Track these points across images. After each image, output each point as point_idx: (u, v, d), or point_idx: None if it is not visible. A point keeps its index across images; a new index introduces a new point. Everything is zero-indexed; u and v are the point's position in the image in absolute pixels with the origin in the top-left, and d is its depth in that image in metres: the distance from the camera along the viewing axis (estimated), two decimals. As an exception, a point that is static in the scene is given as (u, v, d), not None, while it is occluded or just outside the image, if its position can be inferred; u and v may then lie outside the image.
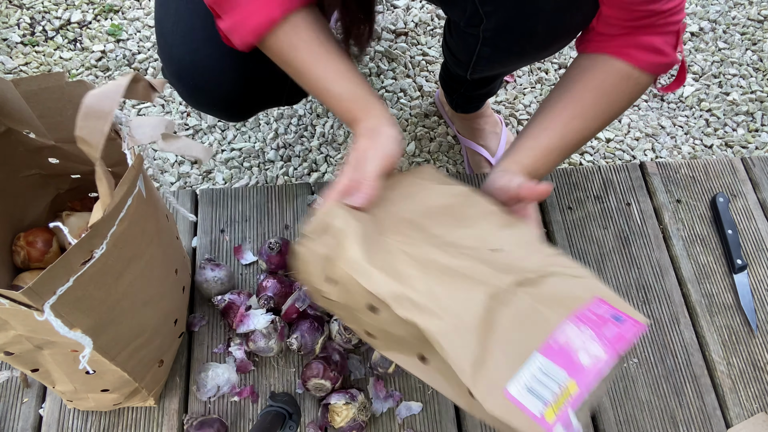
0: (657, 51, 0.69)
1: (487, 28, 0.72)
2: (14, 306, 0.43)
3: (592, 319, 0.50)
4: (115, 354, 0.56)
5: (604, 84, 0.71)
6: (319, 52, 0.64)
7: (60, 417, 0.71)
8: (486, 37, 0.74)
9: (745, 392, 0.79)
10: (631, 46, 0.69)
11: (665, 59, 0.70)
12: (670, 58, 0.70)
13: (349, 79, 0.64)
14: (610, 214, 0.90)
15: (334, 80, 0.64)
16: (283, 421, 0.68)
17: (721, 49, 1.50)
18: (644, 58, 0.69)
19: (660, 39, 0.68)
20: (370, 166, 0.59)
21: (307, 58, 0.64)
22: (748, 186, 0.95)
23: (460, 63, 0.86)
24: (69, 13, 1.41)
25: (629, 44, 0.69)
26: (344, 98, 0.64)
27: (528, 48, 0.75)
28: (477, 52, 0.79)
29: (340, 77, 0.64)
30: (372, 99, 0.65)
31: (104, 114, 0.44)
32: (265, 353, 0.72)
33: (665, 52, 0.69)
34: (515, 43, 0.74)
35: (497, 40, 0.74)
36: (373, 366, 0.72)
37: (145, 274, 0.55)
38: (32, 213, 0.72)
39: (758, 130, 1.38)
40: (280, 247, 0.77)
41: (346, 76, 0.64)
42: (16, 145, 0.64)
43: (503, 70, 0.88)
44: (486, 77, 0.96)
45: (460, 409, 0.74)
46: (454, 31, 0.83)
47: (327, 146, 1.27)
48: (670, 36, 0.69)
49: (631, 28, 0.68)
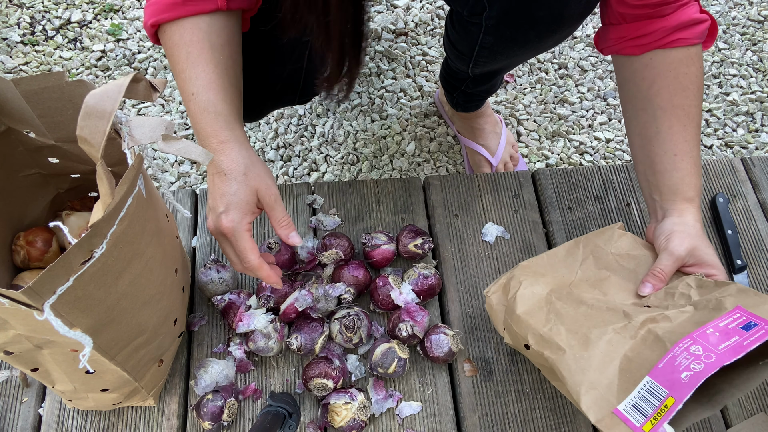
0: (696, 22, 0.69)
1: (490, 16, 0.72)
2: (14, 305, 0.43)
3: (714, 335, 0.57)
4: (114, 353, 0.56)
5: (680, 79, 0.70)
6: (200, 57, 0.64)
7: (59, 416, 0.71)
8: (489, 25, 0.74)
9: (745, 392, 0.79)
10: (675, 31, 0.69)
11: (707, 23, 0.70)
12: (709, 19, 0.70)
13: (216, 91, 0.64)
14: (610, 214, 0.90)
15: (203, 87, 0.64)
16: (283, 420, 0.68)
17: (721, 49, 1.50)
18: (691, 34, 0.69)
19: (690, 11, 0.69)
20: (250, 255, 0.63)
21: (185, 59, 0.64)
22: (748, 186, 0.95)
23: (462, 56, 0.86)
24: (69, 12, 1.41)
25: (672, 29, 0.69)
26: (205, 110, 0.64)
27: (531, 36, 0.75)
28: (480, 42, 0.79)
29: (208, 87, 0.64)
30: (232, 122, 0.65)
31: (105, 114, 0.44)
32: (265, 353, 0.72)
33: (701, 19, 0.69)
34: (518, 30, 0.74)
35: (500, 28, 0.74)
36: (373, 366, 0.72)
37: (145, 274, 0.55)
38: (32, 212, 0.72)
39: (758, 131, 1.38)
40: (279, 246, 0.77)
41: (214, 87, 0.64)
42: (16, 145, 0.64)
43: (505, 63, 0.88)
44: (487, 73, 0.96)
45: (459, 409, 0.74)
46: (456, 23, 0.83)
47: (327, 146, 1.27)
48: (694, 5, 0.69)
49: (657, 15, 0.68)
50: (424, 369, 0.76)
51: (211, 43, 0.64)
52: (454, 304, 0.81)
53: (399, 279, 0.77)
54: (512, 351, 0.78)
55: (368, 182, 0.90)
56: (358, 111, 1.32)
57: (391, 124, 1.30)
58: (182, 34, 0.63)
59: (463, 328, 0.79)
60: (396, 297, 0.75)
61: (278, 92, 0.85)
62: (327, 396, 0.70)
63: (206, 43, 0.64)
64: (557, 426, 0.74)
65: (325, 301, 0.74)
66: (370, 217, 0.87)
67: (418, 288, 0.76)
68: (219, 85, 0.64)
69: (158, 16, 0.63)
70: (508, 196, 0.90)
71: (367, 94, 1.34)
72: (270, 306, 0.73)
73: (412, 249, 0.80)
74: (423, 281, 0.77)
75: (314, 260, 0.80)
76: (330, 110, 1.32)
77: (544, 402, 0.75)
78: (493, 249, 0.86)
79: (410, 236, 0.81)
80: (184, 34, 0.63)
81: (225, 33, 0.66)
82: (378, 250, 0.79)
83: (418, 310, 0.74)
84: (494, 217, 0.88)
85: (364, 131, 1.29)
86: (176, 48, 0.64)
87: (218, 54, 0.65)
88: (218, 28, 0.65)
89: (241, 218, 0.63)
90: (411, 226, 0.82)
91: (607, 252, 0.72)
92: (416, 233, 0.81)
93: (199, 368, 0.72)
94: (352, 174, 1.24)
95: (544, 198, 0.91)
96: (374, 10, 1.46)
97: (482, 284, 0.82)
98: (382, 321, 0.79)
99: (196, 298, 0.79)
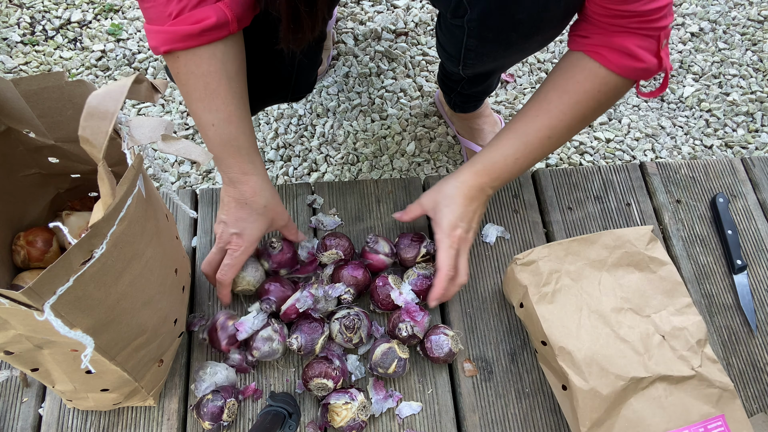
0: (630, 54, 0.67)
1: (471, 18, 0.72)
2: (14, 306, 0.43)
3: None
4: (114, 353, 0.56)
5: (573, 84, 0.71)
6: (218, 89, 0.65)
7: (59, 416, 0.71)
8: (471, 28, 0.74)
9: (745, 392, 0.79)
10: (604, 46, 0.68)
11: (639, 64, 0.67)
12: (645, 63, 0.67)
13: (237, 124, 0.67)
14: (610, 214, 0.90)
15: (223, 120, 0.67)
16: (283, 420, 0.68)
17: (722, 49, 1.50)
18: (615, 60, 0.68)
19: (636, 42, 0.66)
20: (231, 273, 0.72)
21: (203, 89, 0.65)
22: (748, 186, 0.95)
23: (451, 57, 0.86)
24: (69, 12, 1.41)
25: (603, 44, 0.68)
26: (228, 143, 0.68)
27: (513, 38, 0.75)
28: (465, 45, 0.79)
29: (228, 120, 0.67)
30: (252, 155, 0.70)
31: (108, 114, 0.44)
32: (272, 357, 0.72)
33: (639, 57, 0.67)
34: (500, 32, 0.74)
35: (482, 31, 0.74)
36: (373, 367, 0.72)
37: (144, 274, 0.55)
38: (32, 212, 0.72)
39: (758, 131, 1.38)
40: (282, 246, 0.77)
41: (234, 121, 0.67)
42: (16, 145, 0.64)
43: (495, 65, 0.88)
44: (480, 74, 0.95)
45: (459, 409, 0.74)
46: (442, 25, 0.83)
47: (327, 146, 1.27)
48: (649, 40, 0.66)
49: (609, 27, 0.67)
50: (424, 369, 0.76)
51: (227, 73, 0.66)
52: (454, 304, 0.81)
53: (399, 279, 0.77)
54: (512, 351, 0.78)
55: (368, 182, 0.90)
56: (358, 111, 1.32)
57: (391, 124, 1.30)
58: (199, 64, 0.64)
59: (463, 328, 0.79)
60: (396, 297, 0.75)
61: (272, 89, 0.85)
62: (327, 396, 0.70)
63: (223, 74, 0.65)
64: (557, 426, 0.74)
65: (325, 301, 0.74)
66: (370, 217, 0.87)
67: (418, 288, 0.76)
68: (238, 117, 0.67)
69: (172, 45, 0.62)
70: (508, 196, 0.90)
71: (367, 94, 1.34)
72: (272, 310, 0.73)
73: (421, 260, 0.79)
74: (423, 281, 0.77)
75: (314, 261, 0.80)
76: (330, 110, 1.32)
77: (544, 402, 0.75)
78: (493, 249, 0.86)
79: (411, 250, 0.79)
80: (201, 65, 0.64)
81: (238, 59, 0.67)
82: (376, 257, 0.79)
83: (418, 310, 0.74)
84: (494, 217, 0.88)
85: (364, 131, 1.29)
86: (192, 77, 0.65)
87: (234, 84, 0.67)
88: (232, 56, 0.66)
89: (250, 245, 0.72)
90: (404, 238, 0.80)
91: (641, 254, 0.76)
92: (415, 240, 0.80)
93: (198, 370, 0.72)
94: (352, 174, 1.24)
95: (544, 198, 0.91)
96: (374, 10, 1.46)
97: (482, 284, 0.82)
98: (382, 321, 0.79)
99: (196, 298, 0.79)
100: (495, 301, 0.81)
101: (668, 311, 0.71)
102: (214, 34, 0.63)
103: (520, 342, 0.79)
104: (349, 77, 1.36)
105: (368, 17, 1.45)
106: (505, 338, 0.79)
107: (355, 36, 1.42)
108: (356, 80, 1.36)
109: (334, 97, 1.34)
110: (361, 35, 1.42)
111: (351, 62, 1.38)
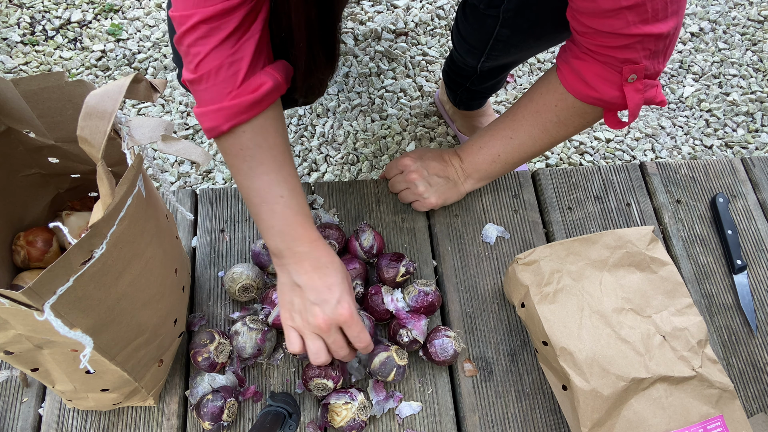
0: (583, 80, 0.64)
1: (508, 8, 0.72)
2: (14, 306, 0.43)
3: None
4: (114, 354, 0.56)
5: (537, 93, 0.72)
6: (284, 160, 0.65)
7: (59, 416, 0.71)
8: (506, 18, 0.74)
9: (745, 392, 0.79)
10: (567, 64, 0.66)
11: (592, 92, 0.65)
12: (599, 93, 0.64)
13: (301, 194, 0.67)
14: (610, 214, 0.90)
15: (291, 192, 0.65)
16: (283, 420, 0.68)
17: (721, 49, 1.50)
18: (571, 80, 0.66)
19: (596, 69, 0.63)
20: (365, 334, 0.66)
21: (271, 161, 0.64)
22: (748, 186, 0.95)
23: (473, 50, 0.85)
24: (69, 12, 1.41)
25: (567, 62, 0.66)
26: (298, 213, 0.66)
27: (548, 28, 0.74)
28: (495, 35, 0.79)
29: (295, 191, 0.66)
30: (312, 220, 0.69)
31: (106, 114, 0.44)
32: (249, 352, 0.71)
33: (593, 86, 0.64)
34: (536, 22, 0.74)
35: (518, 20, 0.74)
36: (372, 374, 0.72)
37: (144, 274, 0.55)
38: (32, 212, 0.72)
39: (758, 131, 1.38)
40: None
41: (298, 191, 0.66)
42: (16, 145, 0.64)
43: (519, 56, 0.88)
44: (496, 67, 0.95)
45: (460, 409, 0.74)
46: (470, 16, 0.82)
47: (327, 146, 1.27)
48: (609, 70, 0.62)
49: (581, 45, 0.64)
50: (424, 369, 0.76)
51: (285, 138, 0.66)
52: (454, 304, 0.81)
53: (391, 289, 0.76)
54: (512, 351, 0.78)
55: (368, 182, 0.90)
56: (358, 111, 1.32)
57: (391, 124, 1.30)
58: (266, 136, 0.63)
59: (463, 328, 0.79)
60: (387, 302, 0.74)
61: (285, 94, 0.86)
62: (327, 396, 0.70)
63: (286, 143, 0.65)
64: (557, 426, 0.74)
65: None
66: (370, 217, 0.87)
67: (419, 304, 0.75)
68: (299, 187, 0.67)
69: (237, 119, 0.60)
70: (508, 196, 0.90)
71: (367, 94, 1.34)
72: (267, 323, 0.73)
73: (401, 279, 0.78)
74: (423, 298, 0.75)
75: None
76: (330, 110, 1.32)
77: (544, 402, 0.75)
78: (493, 249, 0.86)
79: (391, 269, 0.77)
80: (268, 137, 0.63)
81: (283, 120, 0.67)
82: (354, 245, 0.80)
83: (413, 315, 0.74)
84: (494, 217, 0.88)
85: (364, 131, 1.29)
86: (259, 150, 0.63)
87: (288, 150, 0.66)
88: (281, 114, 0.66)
89: (353, 302, 0.66)
90: (383, 258, 0.79)
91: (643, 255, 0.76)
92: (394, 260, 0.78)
93: (195, 376, 0.72)
94: (352, 174, 1.24)
95: (544, 198, 0.91)
96: (374, 10, 1.46)
97: (482, 284, 0.82)
98: (383, 333, 0.78)
99: (196, 298, 0.79)
100: (495, 301, 0.82)
101: (669, 312, 0.71)
102: (270, 98, 0.62)
103: (520, 342, 0.79)
104: (349, 77, 1.36)
105: (368, 17, 1.45)
106: (505, 338, 0.79)
107: (355, 36, 1.42)
108: (356, 80, 1.36)
109: (334, 97, 1.34)
110: (361, 35, 1.42)
111: (351, 62, 1.38)
